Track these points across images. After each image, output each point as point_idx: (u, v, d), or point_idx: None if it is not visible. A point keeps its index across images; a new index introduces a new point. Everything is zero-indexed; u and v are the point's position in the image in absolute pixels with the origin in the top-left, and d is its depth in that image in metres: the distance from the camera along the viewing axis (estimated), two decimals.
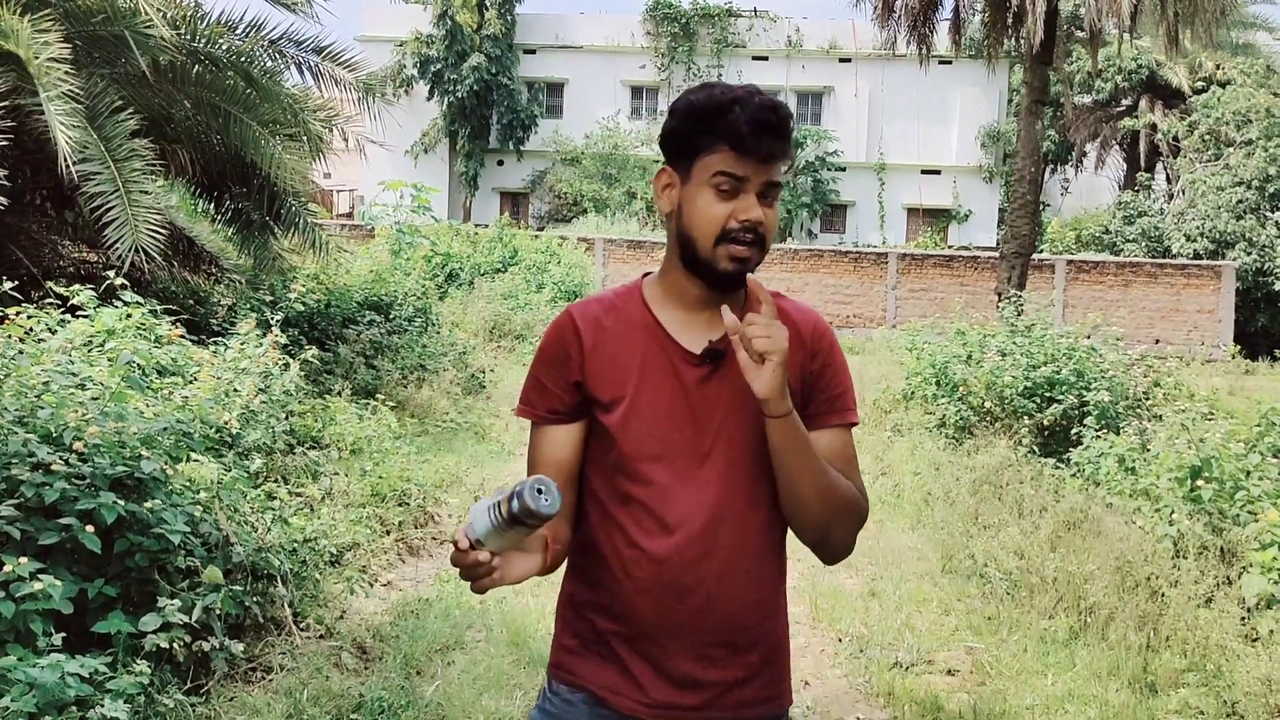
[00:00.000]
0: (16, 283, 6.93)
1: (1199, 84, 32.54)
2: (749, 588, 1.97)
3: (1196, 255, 25.71)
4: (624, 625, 1.97)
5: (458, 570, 1.74)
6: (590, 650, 2.02)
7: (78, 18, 8.49)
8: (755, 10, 36.82)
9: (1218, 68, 32.23)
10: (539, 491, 1.64)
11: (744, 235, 1.89)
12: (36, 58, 7.23)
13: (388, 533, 6.59)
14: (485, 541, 1.68)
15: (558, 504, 1.65)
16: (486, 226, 25.25)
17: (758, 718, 2.03)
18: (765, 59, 36.74)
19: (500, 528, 1.66)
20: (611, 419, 1.96)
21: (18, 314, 6.24)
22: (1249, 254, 24.85)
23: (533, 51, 36.96)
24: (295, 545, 5.28)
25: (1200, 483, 6.37)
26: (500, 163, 36.89)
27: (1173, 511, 6.30)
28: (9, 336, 5.66)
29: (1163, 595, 5.53)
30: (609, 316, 2.01)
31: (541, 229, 30.36)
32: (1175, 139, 31.37)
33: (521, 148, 36.28)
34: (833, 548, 2.03)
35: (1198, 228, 26.13)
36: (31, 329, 6.25)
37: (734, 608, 1.95)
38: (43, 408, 4.67)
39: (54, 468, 4.17)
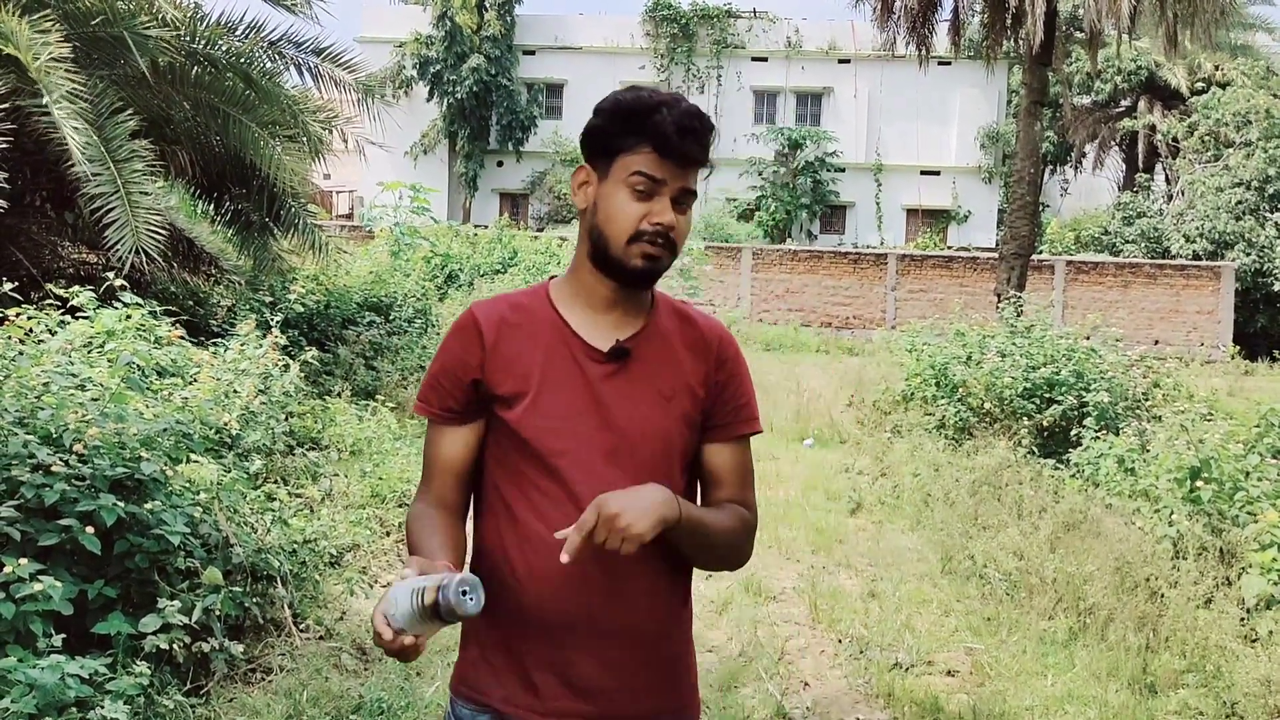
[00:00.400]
0: (16, 284, 6.94)
1: (1198, 85, 32.57)
2: (651, 585, 1.96)
3: (1196, 256, 25.73)
4: (524, 624, 1.94)
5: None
6: (491, 659, 1.99)
7: (77, 19, 8.49)
8: (754, 11, 36.84)
9: (1217, 69, 32.26)
10: (464, 593, 1.60)
11: (655, 238, 1.90)
12: (37, 59, 7.24)
13: (388, 534, 6.59)
14: (406, 628, 1.64)
15: (482, 603, 1.62)
16: (486, 227, 25.27)
17: None
18: (764, 60, 36.76)
19: (422, 617, 1.62)
20: (513, 415, 1.94)
21: (18, 315, 6.24)
22: (1248, 255, 24.87)
23: (532, 52, 36.98)
24: (295, 546, 5.28)
25: (1199, 483, 6.37)
26: (500, 164, 36.91)
27: (1172, 512, 6.30)
28: (9, 338, 5.67)
29: (1162, 596, 5.53)
30: (514, 314, 2.00)
31: (541, 230, 30.38)
32: (1174, 140, 31.38)
33: (521, 149, 36.31)
34: (730, 568, 2.12)
35: (1197, 228, 26.15)
36: (31, 330, 6.26)
37: (635, 604, 1.94)
38: (43, 409, 4.67)
39: (54, 469, 4.17)
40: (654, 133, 1.88)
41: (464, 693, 2.02)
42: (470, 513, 2.07)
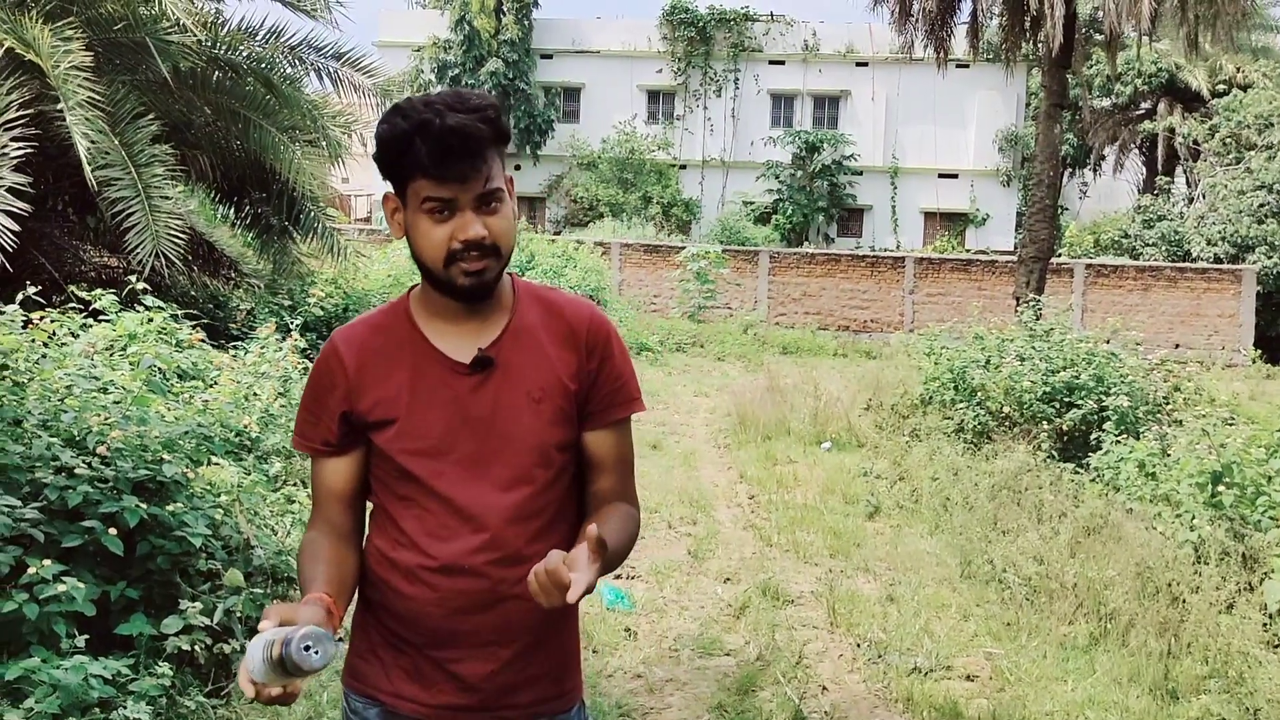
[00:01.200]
0: (39, 287, 6.97)
1: (1219, 87, 32.40)
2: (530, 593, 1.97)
3: (1217, 259, 25.59)
4: (413, 631, 1.97)
5: None
6: (380, 654, 2.02)
7: (99, 25, 8.55)
8: (772, 14, 36.79)
9: (1238, 70, 32.08)
10: (306, 648, 1.58)
11: (469, 253, 1.86)
12: (57, 66, 7.30)
13: None
14: (266, 681, 1.63)
15: (329, 656, 1.60)
16: None
17: (547, 714, 2.04)
18: (782, 63, 36.71)
19: (275, 670, 1.61)
20: (385, 438, 1.95)
21: (41, 318, 6.29)
22: (1270, 258, 24.72)
23: (549, 56, 37.03)
24: None
25: (1221, 488, 6.34)
26: (518, 167, 36.94)
27: (1193, 517, 6.27)
28: (33, 341, 5.71)
29: (1184, 601, 5.50)
30: (375, 338, 2.00)
31: (558, 233, 30.42)
32: (1195, 143, 31.22)
33: (538, 152, 36.35)
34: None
35: (1218, 231, 26.01)
36: (55, 333, 6.30)
37: (520, 610, 1.94)
38: (66, 411, 4.71)
39: (77, 471, 4.20)
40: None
41: (354, 686, 2.06)
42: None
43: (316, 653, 1.59)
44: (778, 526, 7.66)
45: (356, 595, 2.06)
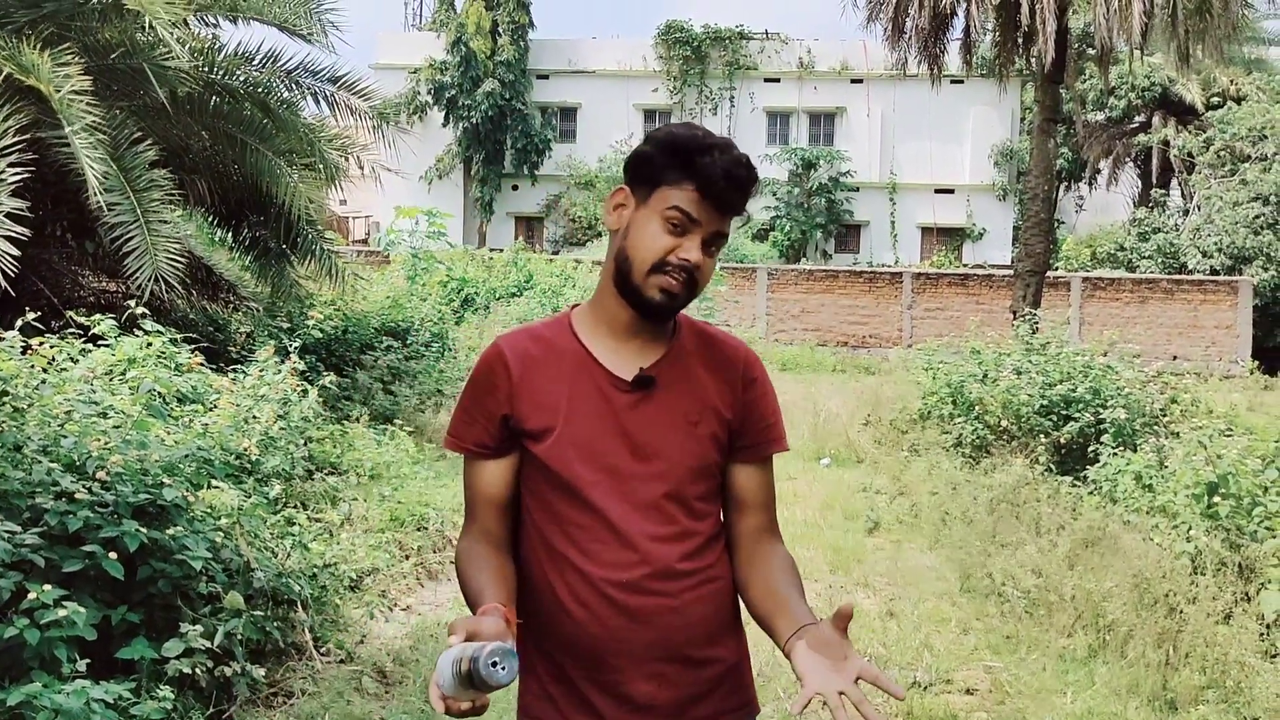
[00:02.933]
0: (38, 313, 7.01)
1: (1213, 100, 32.51)
2: (698, 603, 1.98)
3: (1213, 271, 25.65)
4: (574, 650, 1.97)
5: None
6: (550, 690, 2.01)
7: (97, 51, 8.61)
8: (766, 32, 36.99)
9: (1231, 83, 32.20)
10: (494, 664, 1.63)
11: (678, 273, 1.91)
12: (58, 91, 7.34)
13: (406, 557, 6.63)
14: (455, 695, 1.68)
15: (514, 673, 1.65)
16: (502, 251, 25.37)
17: None
18: (777, 80, 36.88)
19: (462, 684, 1.66)
20: (542, 448, 1.97)
21: (40, 344, 6.31)
22: (1267, 270, 24.79)
23: (546, 77, 37.19)
24: (315, 570, 5.32)
25: (1218, 499, 6.35)
26: (515, 187, 37.07)
27: (1190, 528, 6.28)
28: (32, 367, 5.73)
29: (1181, 612, 5.51)
30: (537, 346, 2.02)
31: (556, 253, 30.49)
32: (1190, 155, 31.32)
33: (536, 172, 36.47)
34: None
35: (1215, 243, 26.09)
36: (54, 359, 6.32)
37: (684, 624, 1.96)
38: (66, 436, 4.73)
39: (77, 496, 4.21)
40: (700, 173, 1.89)
41: None
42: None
43: (503, 669, 1.63)
44: None
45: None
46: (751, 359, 2.09)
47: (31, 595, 3.79)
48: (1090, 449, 8.85)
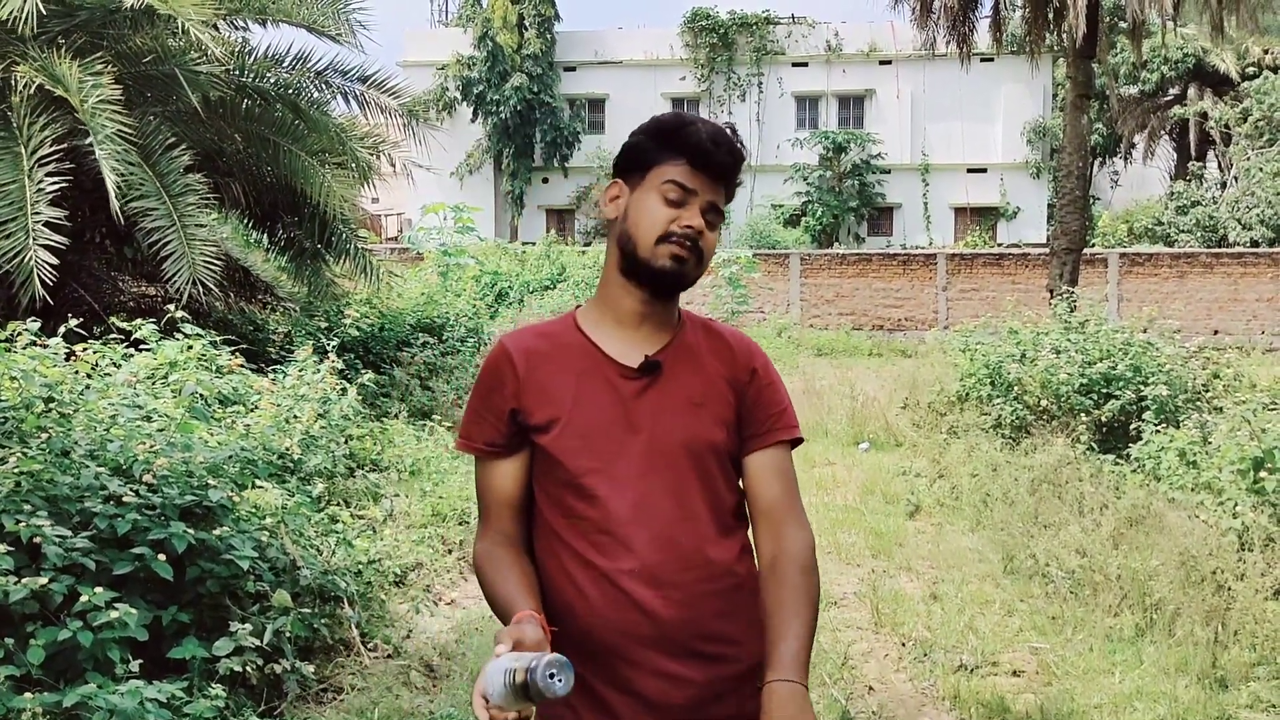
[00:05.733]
0: (80, 319, 7.10)
1: (1249, 70, 32.06)
2: (709, 595, 1.97)
3: (1254, 243, 25.31)
4: (589, 649, 1.95)
5: None
6: (568, 698, 2.00)
7: (129, 59, 8.69)
8: (793, 16, 36.81)
9: (1265, 52, 31.75)
10: (551, 675, 1.62)
11: (684, 240, 1.95)
12: (85, 102, 7.42)
13: (449, 552, 6.67)
14: (503, 705, 1.67)
15: (570, 685, 1.63)
16: (534, 244, 25.43)
17: None
18: (805, 65, 36.70)
19: (514, 695, 1.65)
20: (549, 439, 1.98)
21: (84, 350, 6.39)
22: None
23: (573, 69, 37.20)
24: (360, 567, 5.36)
25: (1264, 474, 6.28)
26: (545, 180, 37.13)
27: (1236, 504, 6.22)
28: (76, 373, 5.81)
29: (1229, 589, 5.46)
30: (543, 342, 2.04)
31: (588, 244, 30.53)
32: (1227, 127, 30.92)
33: (566, 164, 36.52)
34: None
35: (1255, 215, 25.74)
36: (97, 364, 6.41)
37: (695, 615, 1.95)
38: (112, 441, 4.79)
39: (125, 499, 4.27)
40: (688, 144, 1.96)
41: None
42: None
43: (560, 680, 1.63)
44: (819, 529, 7.63)
45: None
46: (754, 350, 2.12)
47: (84, 598, 3.84)
48: (1132, 427, 8.77)
